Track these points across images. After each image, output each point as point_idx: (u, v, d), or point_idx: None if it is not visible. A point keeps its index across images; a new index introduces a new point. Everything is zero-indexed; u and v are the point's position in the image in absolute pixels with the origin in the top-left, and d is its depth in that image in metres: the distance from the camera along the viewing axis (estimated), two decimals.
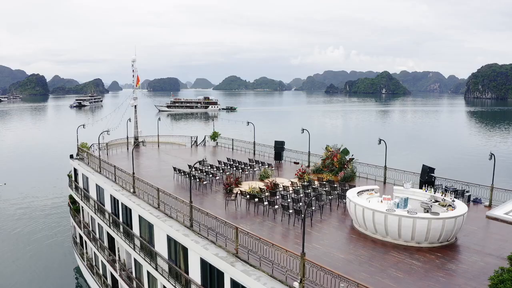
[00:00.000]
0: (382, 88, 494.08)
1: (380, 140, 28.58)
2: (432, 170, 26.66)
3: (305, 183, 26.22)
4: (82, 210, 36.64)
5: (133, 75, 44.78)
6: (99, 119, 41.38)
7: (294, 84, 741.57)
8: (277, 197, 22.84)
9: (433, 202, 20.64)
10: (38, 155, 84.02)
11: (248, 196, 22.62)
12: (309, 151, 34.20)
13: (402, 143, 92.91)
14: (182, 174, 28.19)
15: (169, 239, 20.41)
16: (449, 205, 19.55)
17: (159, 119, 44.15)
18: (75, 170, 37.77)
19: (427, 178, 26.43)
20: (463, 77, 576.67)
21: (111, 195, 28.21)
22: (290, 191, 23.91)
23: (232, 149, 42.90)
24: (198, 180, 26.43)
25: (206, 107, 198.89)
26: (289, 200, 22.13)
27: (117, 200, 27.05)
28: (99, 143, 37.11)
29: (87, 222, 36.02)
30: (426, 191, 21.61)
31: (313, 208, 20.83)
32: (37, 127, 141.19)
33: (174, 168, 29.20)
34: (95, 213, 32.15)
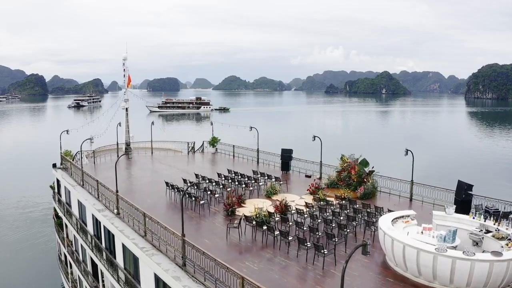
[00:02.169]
0: (382, 88, 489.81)
1: (407, 151, 24.54)
2: (470, 187, 22.59)
3: (321, 202, 22.19)
4: (66, 227, 32.61)
5: (124, 75, 40.68)
6: (86, 123, 37.32)
7: (294, 84, 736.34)
8: (290, 223, 18.77)
9: (484, 232, 16.64)
10: (29, 157, 79.73)
11: (254, 223, 18.57)
12: (320, 161, 30.15)
13: (420, 151, 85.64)
14: (176, 190, 24.10)
15: (157, 279, 16.35)
16: (509, 239, 15.53)
17: (153, 123, 40.05)
18: (58, 181, 33.73)
19: (464, 196, 22.43)
20: (463, 77, 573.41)
21: (92, 215, 24.17)
22: (305, 215, 19.84)
23: (233, 156, 38.82)
24: (193, 199, 22.36)
25: (198, 108, 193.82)
26: (305, 228, 18.10)
27: (99, 222, 23.00)
28: (81, 152, 33.03)
29: (70, 241, 31.98)
30: (474, 217, 17.60)
31: (336, 239, 16.77)
32: (31, 127, 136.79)
33: (167, 183, 25.12)
34: (78, 233, 28.12)
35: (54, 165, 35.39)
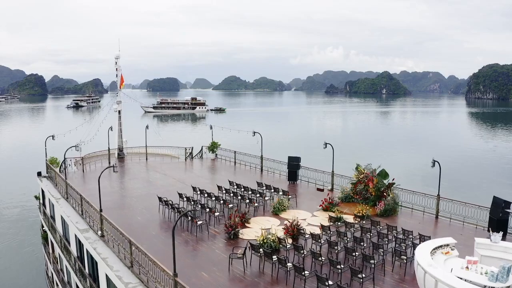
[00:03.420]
0: (383, 88, 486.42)
1: (434, 162, 21.55)
2: (508, 204, 19.72)
3: (338, 223, 19.19)
4: (51, 243, 29.64)
5: (117, 75, 37.73)
6: (74, 128, 34.24)
7: (294, 84, 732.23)
8: (304, 252, 15.75)
9: None
10: (20, 159, 76.54)
11: (262, 251, 15.57)
12: (332, 171, 27.13)
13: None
14: (170, 207, 21.07)
15: None
16: None
17: (147, 127, 37.02)
18: (42, 191, 30.75)
19: (501, 215, 19.54)
20: (463, 77, 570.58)
21: (75, 235, 21.17)
22: (322, 241, 16.83)
23: (235, 163, 35.79)
24: (190, 218, 19.34)
25: (194, 108, 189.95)
26: (323, 259, 15.11)
27: (82, 244, 20.01)
28: (65, 161, 30.04)
29: (56, 258, 28.99)
30: None
31: (363, 275, 13.78)
32: (28, 128, 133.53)
33: (160, 199, 22.10)
34: (62, 251, 25.15)
35: (39, 174, 32.44)
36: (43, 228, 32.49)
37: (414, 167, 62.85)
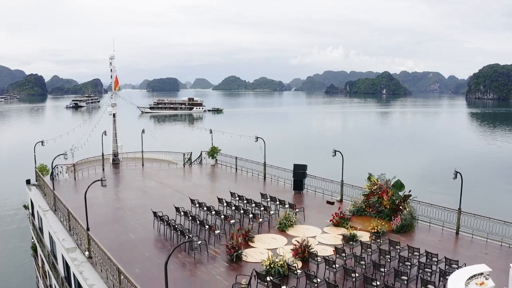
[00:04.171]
0: (383, 88, 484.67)
1: (456, 174, 19.63)
2: None
3: (353, 243, 17.27)
4: (40, 257, 27.71)
5: (111, 76, 35.82)
6: (65, 133, 32.31)
7: (294, 84, 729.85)
8: (318, 281, 13.82)
9: None
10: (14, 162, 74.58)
11: (269, 280, 13.63)
12: (342, 181, 25.19)
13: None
14: (165, 224, 19.12)
15: None
16: None
17: (143, 131, 35.10)
18: (31, 201, 28.83)
19: None
20: (463, 78, 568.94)
21: (62, 255, 19.25)
22: (336, 266, 14.90)
23: (236, 170, 33.84)
24: (187, 238, 17.38)
25: (191, 109, 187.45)
26: None
27: (69, 266, 18.08)
28: (53, 171, 28.13)
29: (45, 272, 27.06)
30: None
31: None
32: (24, 129, 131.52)
33: (155, 214, 20.15)
34: (50, 269, 23.24)
35: (28, 182, 30.53)
36: (33, 240, 30.59)
37: (423, 170, 61.11)
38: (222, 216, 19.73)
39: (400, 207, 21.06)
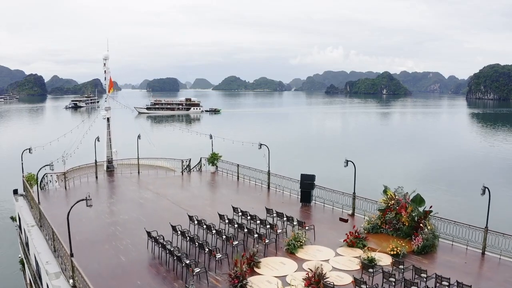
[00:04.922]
0: (383, 88, 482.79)
1: (484, 189, 17.62)
2: None
3: (373, 271, 15.24)
4: (28, 276, 25.70)
5: (105, 77, 33.80)
6: (55, 139, 30.28)
7: (294, 84, 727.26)
8: None
9: None
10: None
11: None
12: (354, 193, 23.17)
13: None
14: (160, 246, 17.06)
15: None
16: None
17: (139, 136, 33.05)
18: (18, 213, 26.81)
19: None
20: (463, 78, 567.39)
21: (46, 282, 17.22)
22: None
23: (238, 178, 31.82)
24: (184, 264, 15.33)
25: (188, 109, 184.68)
26: None
27: None
28: (37, 181, 26.09)
29: None
30: None
31: None
32: (22, 129, 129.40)
33: (149, 234, 18.10)
34: None
35: (16, 192, 28.52)
36: (20, 256, 28.58)
37: (428, 170, 59.04)
38: (224, 237, 17.69)
39: (421, 224, 19.06)
